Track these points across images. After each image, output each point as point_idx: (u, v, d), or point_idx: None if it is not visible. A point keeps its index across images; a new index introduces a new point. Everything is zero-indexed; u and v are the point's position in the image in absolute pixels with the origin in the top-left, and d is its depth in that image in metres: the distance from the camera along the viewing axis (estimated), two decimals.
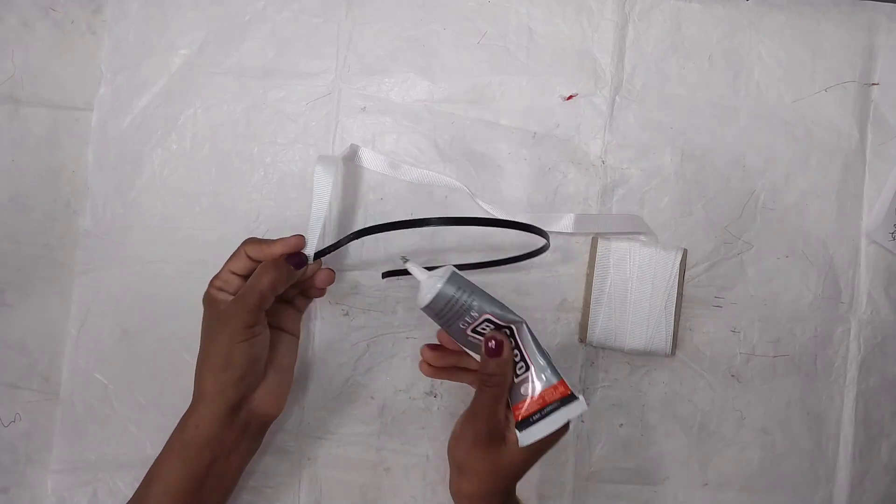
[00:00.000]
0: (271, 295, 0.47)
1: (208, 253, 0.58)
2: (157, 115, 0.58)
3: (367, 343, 0.58)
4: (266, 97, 0.58)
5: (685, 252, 0.57)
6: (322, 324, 0.58)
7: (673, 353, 0.57)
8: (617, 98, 0.58)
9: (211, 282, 0.49)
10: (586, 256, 0.58)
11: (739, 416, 0.58)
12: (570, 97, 0.58)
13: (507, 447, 0.46)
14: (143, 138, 0.58)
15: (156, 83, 0.58)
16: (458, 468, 0.48)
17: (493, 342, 0.45)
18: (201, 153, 0.58)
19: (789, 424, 0.58)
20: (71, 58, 0.58)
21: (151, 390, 0.57)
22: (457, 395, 0.57)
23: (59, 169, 0.58)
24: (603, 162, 0.58)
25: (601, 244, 0.57)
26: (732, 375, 0.58)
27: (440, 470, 0.57)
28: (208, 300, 0.49)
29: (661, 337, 0.56)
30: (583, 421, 0.58)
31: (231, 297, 0.48)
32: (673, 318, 0.56)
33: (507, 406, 0.46)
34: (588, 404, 0.48)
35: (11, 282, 0.58)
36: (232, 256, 0.49)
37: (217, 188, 0.58)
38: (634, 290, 0.56)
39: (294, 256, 0.49)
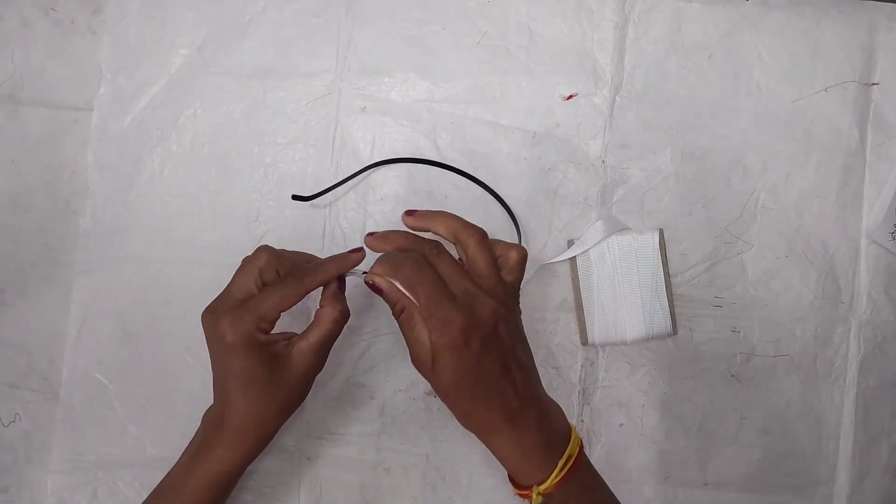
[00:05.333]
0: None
1: (208, 253, 0.58)
2: (157, 115, 0.58)
3: (367, 343, 0.58)
4: (266, 97, 0.58)
5: (661, 231, 0.57)
6: None
7: (675, 332, 0.57)
8: (617, 98, 0.58)
9: (254, 322, 0.44)
10: None
11: (739, 416, 0.58)
12: (570, 97, 0.58)
13: (436, 362, 0.44)
14: (143, 138, 0.58)
15: (156, 83, 0.58)
16: (455, 413, 0.47)
17: (371, 285, 0.45)
18: (201, 153, 0.58)
19: (789, 424, 0.58)
20: (71, 58, 0.58)
21: (151, 390, 0.57)
22: None
23: (59, 169, 0.58)
24: (603, 162, 0.58)
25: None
26: (732, 375, 0.58)
27: (440, 470, 0.57)
28: (254, 344, 0.44)
29: (659, 319, 0.56)
30: (583, 420, 0.58)
31: (277, 337, 0.46)
32: (666, 298, 0.56)
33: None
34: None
35: (11, 282, 0.58)
36: (279, 294, 0.44)
37: (217, 188, 0.58)
38: (621, 281, 0.57)
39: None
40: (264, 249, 0.47)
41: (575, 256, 0.57)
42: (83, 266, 0.58)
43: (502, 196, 0.58)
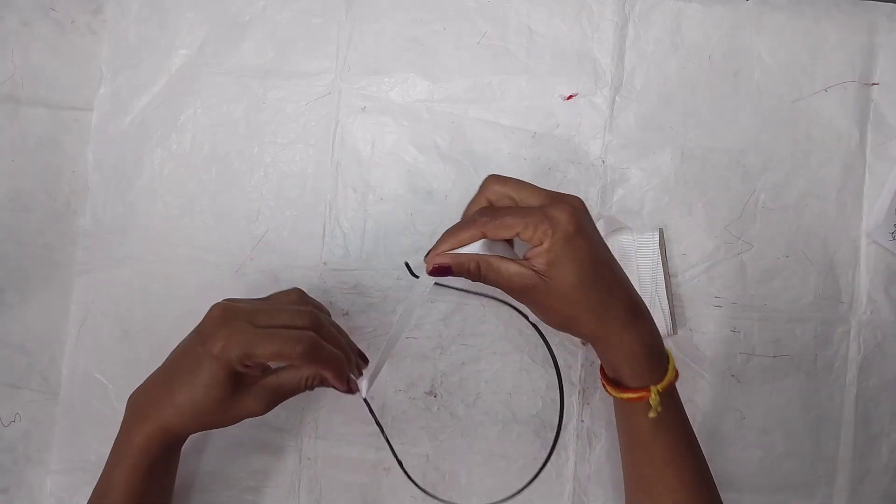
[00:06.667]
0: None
1: (208, 253, 0.58)
2: (157, 115, 0.58)
3: (368, 343, 0.58)
4: (266, 97, 0.58)
5: (661, 231, 0.57)
6: None
7: (675, 332, 0.57)
8: (617, 98, 0.58)
9: (240, 357, 0.43)
10: None
11: (739, 416, 0.58)
12: (570, 97, 0.58)
13: (554, 263, 0.42)
14: (143, 138, 0.58)
15: (156, 83, 0.58)
16: (580, 320, 0.44)
17: (436, 270, 0.44)
18: (201, 153, 0.58)
19: (789, 424, 0.58)
20: (71, 58, 0.59)
21: None
22: (456, 395, 0.57)
23: (59, 169, 0.58)
24: (603, 162, 0.58)
25: None
26: (732, 375, 0.58)
27: (440, 470, 0.57)
28: (229, 370, 0.43)
29: (659, 319, 0.56)
30: (583, 420, 0.58)
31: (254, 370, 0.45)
32: (666, 298, 0.56)
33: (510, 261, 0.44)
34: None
35: (11, 282, 0.58)
36: (278, 346, 0.43)
37: (217, 188, 0.58)
38: None
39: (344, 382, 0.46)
40: (312, 314, 0.46)
41: None
42: (83, 266, 0.58)
43: None
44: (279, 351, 0.43)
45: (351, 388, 0.47)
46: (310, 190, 0.58)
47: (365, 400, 0.48)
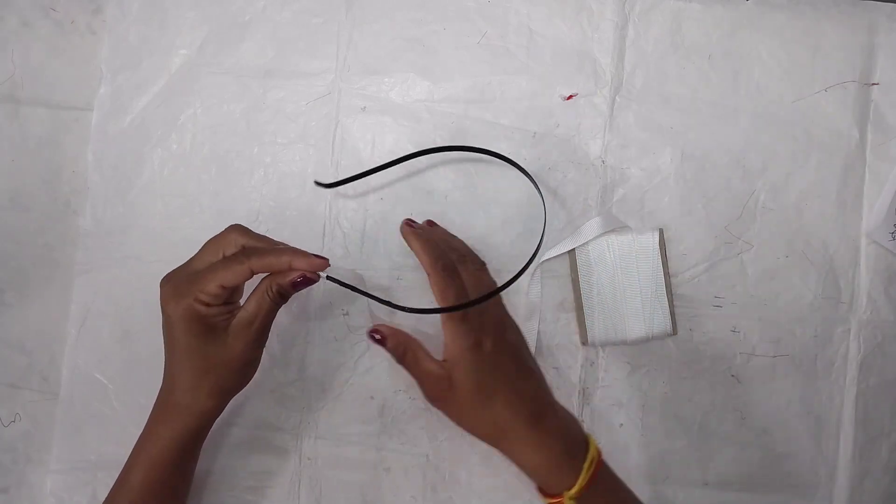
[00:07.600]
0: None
1: None
2: (157, 115, 0.58)
3: (367, 343, 0.57)
4: (266, 97, 0.58)
5: (661, 231, 0.57)
6: (321, 324, 0.58)
7: (675, 332, 0.57)
8: (617, 98, 0.58)
9: (192, 294, 0.44)
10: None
11: (739, 416, 0.58)
12: (570, 97, 0.58)
13: (453, 374, 0.45)
14: (143, 138, 0.58)
15: (156, 83, 0.58)
16: (480, 426, 0.47)
17: (375, 337, 0.47)
18: (201, 153, 0.58)
19: (789, 424, 0.58)
20: (71, 58, 0.59)
21: (151, 390, 0.57)
22: None
23: (59, 169, 0.59)
24: (603, 162, 0.58)
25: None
26: (732, 375, 0.58)
27: (440, 470, 0.57)
28: (192, 316, 0.44)
29: (660, 319, 0.56)
30: (583, 420, 0.58)
31: (218, 310, 0.45)
32: (666, 297, 0.56)
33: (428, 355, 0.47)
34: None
35: (11, 282, 0.58)
36: (223, 269, 0.44)
37: (217, 188, 0.58)
38: (621, 280, 0.57)
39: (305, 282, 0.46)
40: (233, 228, 0.47)
41: (575, 257, 0.57)
42: (83, 266, 0.58)
43: (502, 195, 0.58)
44: (224, 271, 0.43)
45: (308, 276, 0.45)
46: (310, 190, 0.58)
47: (328, 277, 0.46)
